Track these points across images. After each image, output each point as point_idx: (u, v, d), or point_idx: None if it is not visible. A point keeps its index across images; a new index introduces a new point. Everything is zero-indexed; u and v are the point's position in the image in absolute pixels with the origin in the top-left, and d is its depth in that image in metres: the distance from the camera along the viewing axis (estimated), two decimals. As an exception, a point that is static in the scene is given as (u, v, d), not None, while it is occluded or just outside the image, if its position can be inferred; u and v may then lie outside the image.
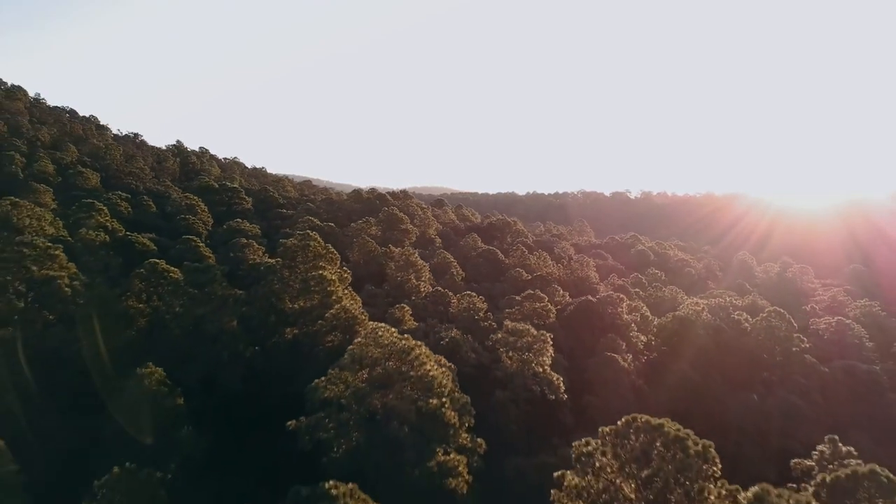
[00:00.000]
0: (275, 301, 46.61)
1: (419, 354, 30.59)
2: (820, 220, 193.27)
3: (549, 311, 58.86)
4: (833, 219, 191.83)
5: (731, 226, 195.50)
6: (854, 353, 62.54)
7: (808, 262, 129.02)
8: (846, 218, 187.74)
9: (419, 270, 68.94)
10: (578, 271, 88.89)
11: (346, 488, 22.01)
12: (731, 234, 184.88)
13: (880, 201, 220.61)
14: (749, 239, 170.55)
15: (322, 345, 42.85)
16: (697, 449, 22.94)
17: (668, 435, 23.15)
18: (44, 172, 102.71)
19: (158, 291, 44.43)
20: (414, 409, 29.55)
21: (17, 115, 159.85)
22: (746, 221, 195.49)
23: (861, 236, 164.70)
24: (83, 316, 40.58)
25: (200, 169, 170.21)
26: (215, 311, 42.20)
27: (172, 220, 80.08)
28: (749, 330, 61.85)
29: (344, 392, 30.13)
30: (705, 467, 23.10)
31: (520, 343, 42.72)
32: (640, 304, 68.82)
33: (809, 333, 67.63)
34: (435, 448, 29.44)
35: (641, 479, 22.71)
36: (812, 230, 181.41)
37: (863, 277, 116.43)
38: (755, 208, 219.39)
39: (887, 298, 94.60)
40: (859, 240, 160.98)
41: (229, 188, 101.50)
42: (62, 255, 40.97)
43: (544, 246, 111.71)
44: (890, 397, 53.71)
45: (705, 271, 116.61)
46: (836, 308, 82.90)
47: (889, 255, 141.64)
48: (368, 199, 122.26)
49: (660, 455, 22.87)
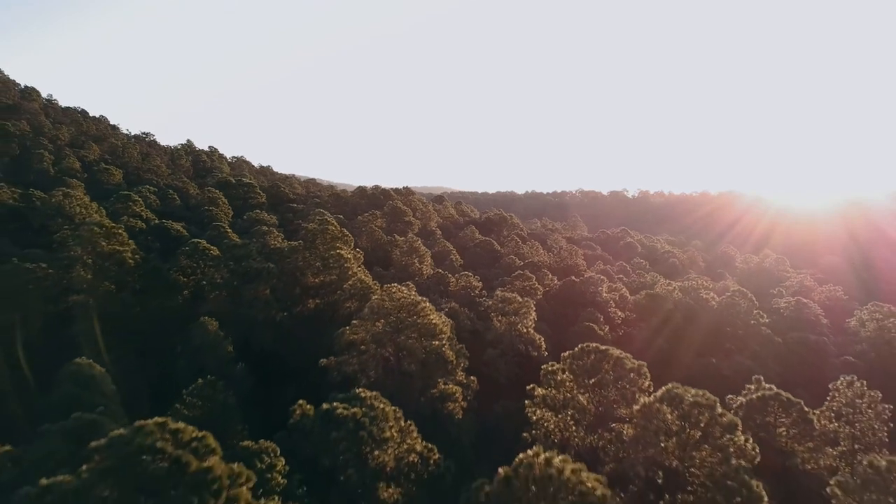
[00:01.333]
0: (299, 276, 54.45)
1: (424, 307, 38.43)
2: (818, 220, 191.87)
3: (537, 289, 66.71)
4: (832, 218, 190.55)
5: (730, 226, 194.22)
6: (808, 328, 70.27)
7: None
8: (845, 217, 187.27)
9: (422, 255, 76.70)
10: (567, 259, 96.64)
11: (371, 393, 29.75)
12: (730, 234, 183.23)
13: (880, 201, 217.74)
14: (748, 240, 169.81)
15: (341, 310, 50.63)
16: (633, 366, 30.88)
17: (612, 356, 31.05)
18: (72, 169, 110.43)
19: (201, 266, 52.27)
20: (421, 349, 37.36)
21: (37, 116, 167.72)
22: (744, 221, 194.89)
23: (860, 236, 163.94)
24: (143, 285, 48.49)
25: (211, 167, 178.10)
26: (251, 282, 49.98)
27: (197, 211, 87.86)
28: (715, 307, 69.67)
29: (365, 337, 37.96)
30: (640, 381, 31.05)
31: (507, 308, 50.58)
32: (621, 285, 76.57)
33: (771, 311, 75.45)
34: (437, 380, 37.25)
35: (590, 386, 30.57)
36: (811, 229, 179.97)
37: (839, 271, 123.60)
38: (754, 208, 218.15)
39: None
40: (858, 239, 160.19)
41: (245, 183, 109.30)
42: (124, 234, 48.82)
43: (538, 238, 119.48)
44: (833, 362, 61.39)
45: (689, 261, 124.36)
46: (803, 292, 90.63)
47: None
48: (373, 194, 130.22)
49: (605, 370, 30.72)
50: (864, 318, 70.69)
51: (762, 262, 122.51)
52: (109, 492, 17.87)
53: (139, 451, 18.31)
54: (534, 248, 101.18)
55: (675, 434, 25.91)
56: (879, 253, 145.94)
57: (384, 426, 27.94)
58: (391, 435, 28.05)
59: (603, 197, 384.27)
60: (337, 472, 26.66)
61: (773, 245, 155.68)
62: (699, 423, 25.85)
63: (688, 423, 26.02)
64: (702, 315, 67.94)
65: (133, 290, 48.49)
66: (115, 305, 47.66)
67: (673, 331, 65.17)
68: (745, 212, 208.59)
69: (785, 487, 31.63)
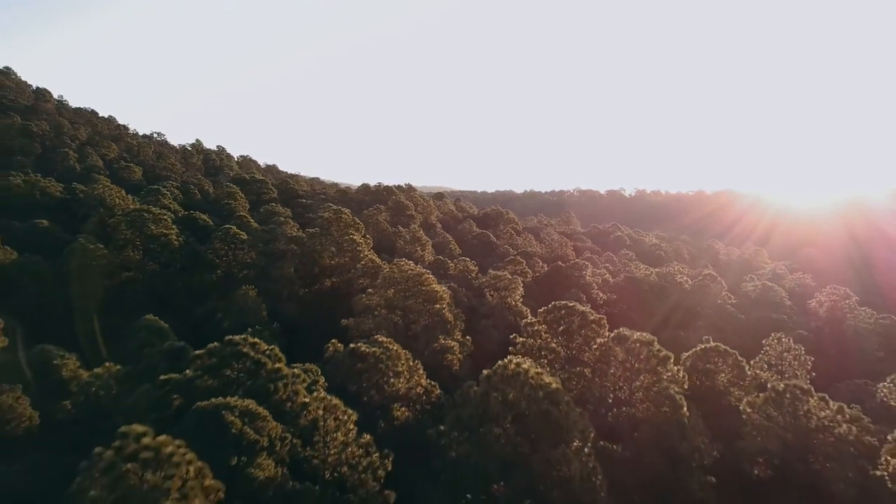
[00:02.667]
0: (317, 258, 62.22)
1: (427, 278, 46.28)
2: (817, 219, 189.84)
3: (527, 272, 74.57)
4: (831, 216, 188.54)
5: (729, 226, 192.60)
6: (772, 308, 78.06)
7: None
8: (844, 216, 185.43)
9: (424, 244, 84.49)
10: (558, 250, 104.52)
11: (387, 339, 37.52)
12: (729, 234, 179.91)
13: (879, 200, 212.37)
14: (748, 239, 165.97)
15: (355, 287, 58.40)
16: (594, 318, 38.71)
17: (578, 310, 38.86)
18: (96, 166, 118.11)
19: (232, 249, 60.06)
20: (425, 312, 45.17)
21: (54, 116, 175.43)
22: (743, 221, 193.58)
23: (860, 234, 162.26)
24: (183, 264, 56.30)
25: (220, 165, 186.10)
26: (277, 261, 57.77)
27: (216, 204, 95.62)
28: (688, 289, 77.52)
29: (379, 302, 45.80)
30: (600, 330, 38.86)
31: (498, 284, 58.42)
32: (604, 270, 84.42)
33: (741, 294, 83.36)
34: (438, 337, 45.05)
35: (559, 333, 38.37)
36: (810, 228, 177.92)
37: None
38: (754, 207, 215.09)
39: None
40: (858, 238, 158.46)
41: (258, 180, 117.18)
42: (169, 219, 56.62)
43: (532, 231, 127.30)
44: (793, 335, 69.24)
45: (675, 254, 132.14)
46: (774, 279, 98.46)
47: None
48: (376, 191, 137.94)
49: (572, 321, 38.54)
50: (822, 299, 78.58)
51: (742, 254, 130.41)
52: (212, 382, 25.70)
53: (231, 355, 26.17)
54: (527, 239, 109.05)
55: (622, 363, 33.72)
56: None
57: (397, 363, 35.72)
58: (403, 370, 35.84)
59: (600, 196, 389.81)
60: (360, 395, 34.41)
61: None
62: (640, 356, 33.67)
63: (631, 356, 33.84)
64: (675, 296, 75.77)
65: (175, 269, 56.27)
66: (161, 280, 55.54)
67: (648, 309, 72.97)
68: (744, 212, 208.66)
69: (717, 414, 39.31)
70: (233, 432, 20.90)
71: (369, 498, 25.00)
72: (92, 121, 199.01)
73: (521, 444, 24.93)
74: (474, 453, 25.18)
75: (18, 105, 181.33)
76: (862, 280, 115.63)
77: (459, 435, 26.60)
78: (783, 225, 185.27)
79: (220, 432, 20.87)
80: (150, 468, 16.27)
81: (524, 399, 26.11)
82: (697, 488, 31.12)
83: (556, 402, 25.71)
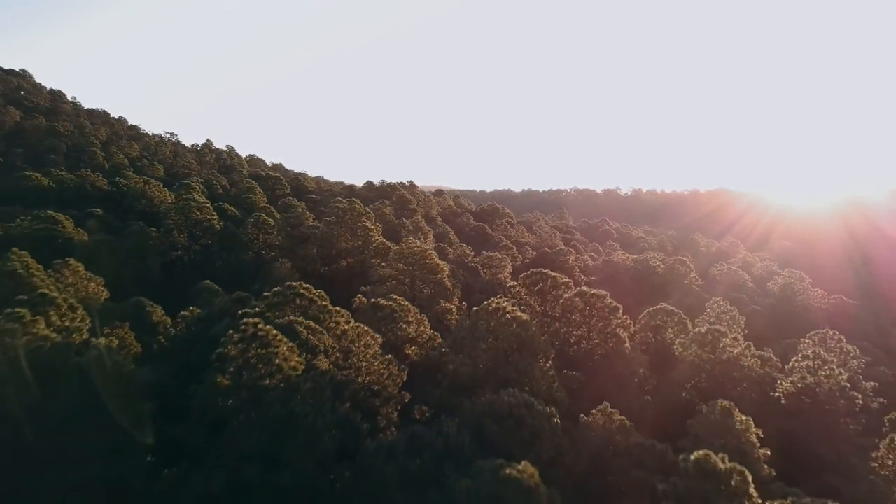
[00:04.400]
0: (334, 241, 72.23)
1: (431, 253, 56.32)
2: (816, 218, 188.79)
3: (516, 257, 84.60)
4: (829, 216, 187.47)
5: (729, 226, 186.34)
6: (735, 289, 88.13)
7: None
8: (843, 215, 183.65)
9: (426, 234, 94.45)
10: (548, 240, 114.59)
11: (399, 297, 47.45)
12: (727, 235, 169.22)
13: (878, 199, 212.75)
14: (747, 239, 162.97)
15: (368, 265, 68.35)
16: (564, 281, 48.82)
17: (550, 275, 48.96)
18: (122, 164, 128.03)
19: (262, 233, 70.04)
20: (428, 281, 55.18)
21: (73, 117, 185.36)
22: (743, 221, 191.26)
23: (859, 234, 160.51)
24: (223, 245, 66.28)
25: (231, 164, 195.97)
26: (302, 243, 67.75)
27: (238, 198, 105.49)
28: (660, 272, 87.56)
29: (392, 273, 55.83)
30: (567, 291, 48.88)
31: (490, 263, 68.45)
32: (587, 258, 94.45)
33: (709, 278, 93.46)
34: (439, 301, 55.08)
35: (535, 293, 48.42)
36: (809, 227, 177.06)
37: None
38: (754, 207, 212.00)
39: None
40: (857, 237, 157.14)
41: (273, 176, 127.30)
42: (210, 207, 66.58)
43: (525, 225, 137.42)
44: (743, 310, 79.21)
45: (658, 245, 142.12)
46: (745, 266, 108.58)
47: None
48: (381, 187, 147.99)
49: (545, 283, 48.60)
50: (780, 281, 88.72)
51: (721, 246, 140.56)
52: (280, 314, 35.68)
53: (292, 295, 36.22)
54: (520, 231, 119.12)
55: (581, 312, 43.73)
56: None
57: (408, 314, 45.66)
58: (412, 320, 45.81)
59: (597, 195, 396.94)
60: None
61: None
62: (595, 306, 43.67)
63: (589, 306, 43.83)
64: (648, 277, 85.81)
65: (216, 249, 66.27)
66: (203, 258, 65.54)
67: (623, 289, 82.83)
68: (744, 212, 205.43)
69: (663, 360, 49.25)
70: (302, 338, 30.85)
71: (390, 397, 34.98)
72: (109, 121, 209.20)
73: (499, 356, 34.95)
74: (466, 364, 35.18)
75: (40, 107, 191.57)
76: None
77: (455, 354, 36.61)
78: (783, 224, 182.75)
79: (293, 339, 30.83)
80: (263, 344, 26.26)
81: (501, 326, 36.14)
82: (637, 404, 41.04)
83: (526, 329, 35.74)
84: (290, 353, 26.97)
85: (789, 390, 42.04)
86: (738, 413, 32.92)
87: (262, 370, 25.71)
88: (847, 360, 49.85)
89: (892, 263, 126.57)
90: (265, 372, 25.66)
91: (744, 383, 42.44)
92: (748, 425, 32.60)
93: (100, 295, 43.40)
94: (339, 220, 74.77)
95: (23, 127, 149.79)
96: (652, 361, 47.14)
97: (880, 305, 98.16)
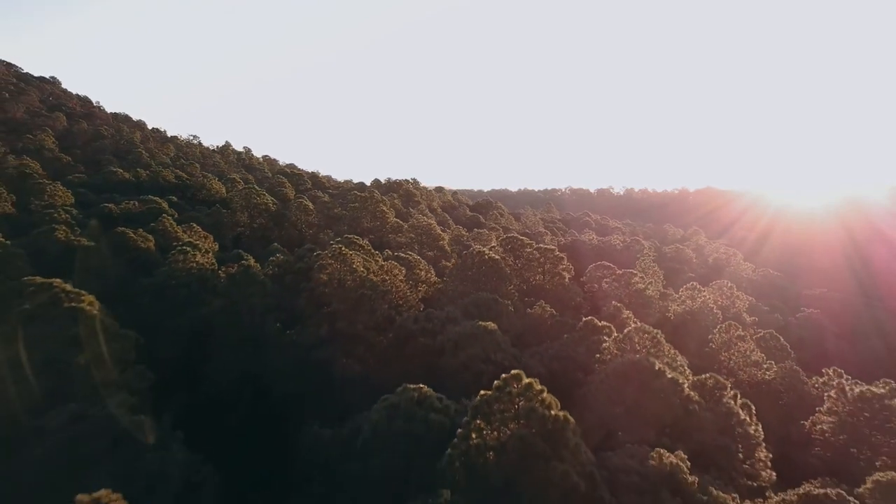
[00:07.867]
0: (359, 221, 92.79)
1: (434, 226, 77.00)
2: (812, 216, 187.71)
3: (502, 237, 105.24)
4: (827, 215, 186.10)
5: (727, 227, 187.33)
6: (678, 262, 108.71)
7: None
8: (839, 214, 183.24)
9: (429, 218, 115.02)
10: (532, 227, 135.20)
11: (412, 253, 68.02)
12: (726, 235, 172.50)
13: (877, 199, 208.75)
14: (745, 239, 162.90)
15: (385, 241, 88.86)
16: (528, 242, 69.53)
17: (524, 241, 69.63)
18: (164, 163, 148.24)
19: (304, 215, 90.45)
20: (433, 246, 75.78)
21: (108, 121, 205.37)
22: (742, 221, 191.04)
23: (857, 233, 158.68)
24: (276, 223, 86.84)
25: (250, 164, 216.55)
26: (336, 222, 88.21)
27: (271, 191, 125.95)
28: (619, 249, 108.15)
29: (406, 240, 76.47)
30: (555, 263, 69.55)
31: (481, 238, 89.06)
32: (561, 239, 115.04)
33: (661, 255, 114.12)
34: (442, 262, 75.71)
35: (508, 251, 69.02)
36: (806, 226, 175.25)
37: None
38: (753, 207, 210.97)
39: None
40: (855, 236, 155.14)
41: (296, 173, 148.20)
42: (266, 194, 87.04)
43: (514, 216, 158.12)
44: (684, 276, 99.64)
45: (630, 233, 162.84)
46: (697, 249, 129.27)
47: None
48: (388, 183, 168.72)
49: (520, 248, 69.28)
50: (715, 254, 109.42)
51: (685, 234, 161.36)
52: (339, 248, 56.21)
53: (347, 241, 56.85)
54: (509, 220, 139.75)
55: (537, 260, 64.22)
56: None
57: (419, 265, 66.23)
58: (422, 269, 66.34)
59: (591, 194, 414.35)
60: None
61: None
62: (547, 255, 64.13)
63: (542, 256, 64.31)
64: (608, 253, 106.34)
65: (271, 226, 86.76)
66: (261, 234, 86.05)
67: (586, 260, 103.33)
68: (743, 212, 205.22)
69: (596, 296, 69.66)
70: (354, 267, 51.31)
71: (413, 305, 55.46)
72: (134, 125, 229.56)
73: (482, 282, 55.52)
74: (461, 285, 55.74)
75: (78, 112, 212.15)
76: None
77: (452, 281, 57.18)
78: (781, 223, 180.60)
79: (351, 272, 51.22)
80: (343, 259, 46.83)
81: (483, 265, 56.74)
82: (569, 313, 61.45)
83: (497, 263, 56.34)
84: (358, 263, 47.53)
85: (676, 310, 62.74)
86: (627, 310, 53.43)
87: (344, 270, 46.26)
88: (735, 302, 70.72)
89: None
90: (347, 271, 46.19)
91: (645, 308, 63.03)
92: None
93: (214, 246, 64.01)
94: (362, 205, 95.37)
95: (70, 131, 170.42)
96: (587, 297, 67.77)
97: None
